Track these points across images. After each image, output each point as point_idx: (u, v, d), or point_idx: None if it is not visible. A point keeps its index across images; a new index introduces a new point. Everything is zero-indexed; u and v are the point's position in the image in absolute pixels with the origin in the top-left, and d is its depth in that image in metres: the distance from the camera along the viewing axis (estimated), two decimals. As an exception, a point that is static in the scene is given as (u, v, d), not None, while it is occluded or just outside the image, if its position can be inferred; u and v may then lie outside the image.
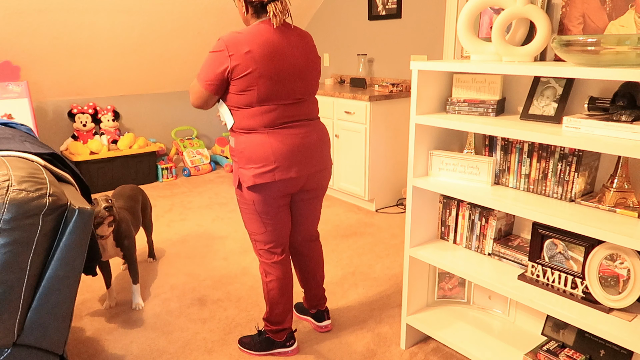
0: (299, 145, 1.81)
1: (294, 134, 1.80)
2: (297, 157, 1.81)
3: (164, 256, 3.07)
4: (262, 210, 1.86)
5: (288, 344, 2.08)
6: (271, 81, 1.71)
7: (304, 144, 1.82)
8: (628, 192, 1.51)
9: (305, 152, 1.83)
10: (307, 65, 1.82)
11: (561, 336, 1.75)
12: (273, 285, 1.98)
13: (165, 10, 4.06)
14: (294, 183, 1.84)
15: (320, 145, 1.89)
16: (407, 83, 4.02)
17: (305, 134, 1.84)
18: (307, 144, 1.83)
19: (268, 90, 1.72)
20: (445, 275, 2.16)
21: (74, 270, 1.53)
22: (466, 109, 1.83)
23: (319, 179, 1.94)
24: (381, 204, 3.88)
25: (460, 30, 1.78)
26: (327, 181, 2.00)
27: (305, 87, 1.82)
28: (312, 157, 1.86)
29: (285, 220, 1.94)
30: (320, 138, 1.90)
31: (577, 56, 1.37)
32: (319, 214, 2.11)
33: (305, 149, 1.83)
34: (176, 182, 4.72)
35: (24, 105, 3.79)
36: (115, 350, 2.14)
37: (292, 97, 1.79)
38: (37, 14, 3.58)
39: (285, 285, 1.99)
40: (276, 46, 1.72)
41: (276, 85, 1.72)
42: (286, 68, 1.74)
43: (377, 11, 4.17)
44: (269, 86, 1.71)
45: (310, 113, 1.88)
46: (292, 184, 1.84)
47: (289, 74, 1.75)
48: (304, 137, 1.83)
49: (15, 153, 1.66)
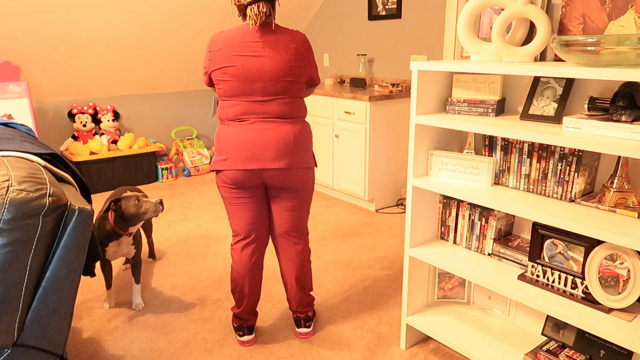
0: (251, 141, 1.88)
1: (250, 129, 1.89)
2: (248, 152, 1.89)
3: (164, 256, 3.07)
4: (223, 196, 2.04)
5: (238, 334, 2.15)
6: (236, 78, 1.86)
7: (258, 140, 1.88)
8: (628, 192, 1.51)
9: (257, 148, 1.88)
10: (280, 67, 1.86)
11: (561, 336, 1.75)
12: (231, 268, 2.12)
13: (165, 10, 4.06)
14: (246, 176, 1.92)
15: (282, 144, 1.90)
16: (407, 83, 4.02)
17: (263, 130, 1.88)
18: (262, 140, 1.88)
19: (232, 86, 1.88)
20: (445, 276, 2.16)
21: (74, 270, 1.53)
22: (466, 109, 1.83)
23: (283, 179, 1.94)
24: (381, 204, 3.88)
25: (460, 30, 1.78)
26: (298, 182, 1.98)
27: (275, 87, 1.87)
28: (265, 153, 1.89)
29: (245, 211, 2.02)
30: (284, 136, 1.90)
31: (577, 56, 1.37)
32: (293, 214, 2.06)
33: (258, 145, 1.88)
34: (176, 182, 4.72)
35: (24, 106, 3.79)
36: (115, 351, 2.14)
37: (258, 96, 1.88)
38: (37, 14, 3.58)
39: (238, 274, 2.08)
40: (247, 47, 1.85)
41: (241, 82, 1.86)
42: (253, 68, 1.85)
43: (377, 11, 4.17)
44: (233, 83, 1.87)
45: (280, 112, 1.91)
46: (243, 177, 1.92)
47: (256, 74, 1.85)
48: (260, 133, 1.88)
49: (15, 153, 1.66)
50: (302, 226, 2.11)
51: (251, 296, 2.12)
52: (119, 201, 2.25)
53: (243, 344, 2.15)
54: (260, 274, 2.12)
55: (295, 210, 2.06)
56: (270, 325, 2.31)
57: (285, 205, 2.04)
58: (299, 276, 2.13)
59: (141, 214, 2.24)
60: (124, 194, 2.29)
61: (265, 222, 2.08)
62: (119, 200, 2.25)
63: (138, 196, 2.26)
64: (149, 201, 2.25)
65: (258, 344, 2.17)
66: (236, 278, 2.09)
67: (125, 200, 2.25)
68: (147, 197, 2.32)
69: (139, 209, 2.24)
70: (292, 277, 2.13)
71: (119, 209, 2.25)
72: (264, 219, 2.07)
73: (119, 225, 2.26)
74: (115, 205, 2.24)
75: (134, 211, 2.23)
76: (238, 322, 2.15)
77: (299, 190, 2.02)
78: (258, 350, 2.13)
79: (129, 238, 2.34)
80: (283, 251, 2.12)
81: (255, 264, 2.08)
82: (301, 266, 2.12)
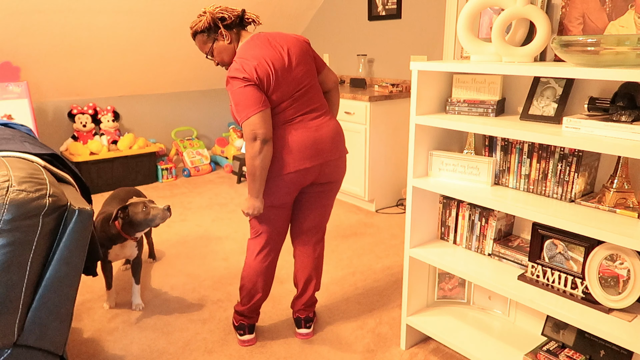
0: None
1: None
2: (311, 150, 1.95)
3: (164, 257, 3.07)
4: (273, 204, 2.02)
5: (239, 332, 2.14)
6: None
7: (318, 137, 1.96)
8: (628, 192, 1.51)
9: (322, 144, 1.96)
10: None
11: (561, 336, 1.75)
12: (245, 265, 2.09)
13: (165, 10, 4.06)
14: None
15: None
16: (407, 83, 4.02)
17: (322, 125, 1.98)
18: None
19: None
20: (445, 276, 2.16)
21: (74, 270, 1.53)
22: (466, 109, 1.83)
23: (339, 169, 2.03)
24: (381, 205, 3.88)
25: (460, 30, 1.78)
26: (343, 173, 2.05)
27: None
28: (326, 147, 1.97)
29: (284, 218, 2.02)
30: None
31: (577, 56, 1.37)
32: (327, 209, 2.10)
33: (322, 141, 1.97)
34: (176, 183, 4.72)
35: (24, 106, 3.79)
36: (115, 351, 2.14)
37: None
38: (37, 14, 3.58)
39: (253, 271, 2.05)
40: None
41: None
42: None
43: (377, 11, 4.17)
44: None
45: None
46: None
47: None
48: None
49: (15, 153, 1.65)
50: (327, 222, 2.15)
51: (263, 295, 2.11)
52: (126, 209, 2.23)
53: (243, 344, 2.15)
54: (273, 273, 2.12)
55: (330, 205, 2.10)
56: (270, 325, 2.31)
57: (324, 200, 2.06)
58: (313, 273, 2.15)
59: (149, 221, 2.23)
60: (131, 200, 2.27)
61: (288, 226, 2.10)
62: (126, 208, 2.23)
63: (145, 202, 2.24)
64: (156, 207, 2.24)
65: (258, 344, 2.17)
66: (249, 275, 2.06)
67: (132, 207, 2.23)
68: (154, 202, 2.30)
69: (147, 215, 2.22)
70: (313, 279, 2.14)
71: (126, 216, 2.24)
72: (289, 223, 2.09)
73: (126, 230, 2.26)
74: (123, 213, 2.23)
75: (142, 218, 2.22)
76: (240, 321, 2.14)
77: (339, 182, 2.07)
78: (258, 350, 2.12)
79: (133, 241, 2.35)
80: (303, 248, 2.12)
81: (271, 264, 2.07)
82: (319, 262, 2.16)
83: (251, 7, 4.49)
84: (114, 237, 2.27)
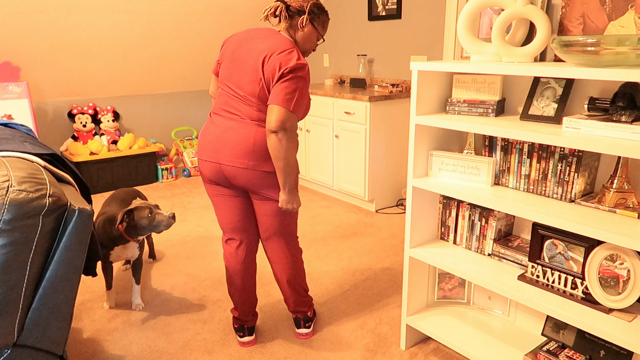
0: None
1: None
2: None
3: (164, 257, 3.07)
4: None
5: (239, 334, 2.15)
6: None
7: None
8: (628, 192, 1.51)
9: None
10: (246, 72, 1.84)
11: (561, 337, 1.75)
12: (225, 267, 2.13)
13: (165, 10, 4.06)
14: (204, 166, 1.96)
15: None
16: (407, 83, 4.02)
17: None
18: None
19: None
20: (445, 276, 2.16)
21: (74, 270, 1.53)
22: (466, 109, 1.83)
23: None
24: (381, 205, 3.88)
25: (460, 30, 1.78)
26: (246, 182, 1.90)
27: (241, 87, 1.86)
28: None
29: (224, 208, 2.02)
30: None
31: (577, 57, 1.38)
32: (264, 219, 2.00)
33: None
34: (176, 183, 4.72)
35: (24, 106, 3.79)
36: (115, 351, 2.14)
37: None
38: (37, 14, 3.58)
39: (231, 271, 2.09)
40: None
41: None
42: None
43: (377, 11, 4.17)
44: None
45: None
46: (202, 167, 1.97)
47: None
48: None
49: (15, 153, 1.65)
50: (287, 230, 2.04)
51: (246, 297, 2.11)
52: (131, 213, 2.23)
53: (243, 345, 2.15)
54: (252, 274, 2.11)
55: (267, 217, 1.99)
56: (270, 325, 2.31)
57: (259, 209, 1.99)
58: (290, 279, 2.10)
59: (153, 227, 2.24)
60: (136, 203, 2.27)
61: (250, 223, 2.05)
62: (131, 212, 2.23)
63: (152, 208, 2.24)
64: (162, 214, 2.24)
65: (258, 345, 2.17)
66: (230, 276, 2.09)
67: (138, 212, 2.23)
68: (159, 208, 2.30)
69: (152, 221, 2.23)
70: (284, 280, 2.11)
71: (131, 220, 2.24)
72: (248, 220, 2.04)
73: (129, 233, 2.26)
74: (128, 217, 2.23)
75: (146, 223, 2.23)
76: (238, 323, 2.15)
77: (263, 195, 1.95)
78: (258, 350, 2.12)
79: (135, 243, 2.35)
80: (271, 255, 2.09)
81: (245, 263, 2.07)
82: (292, 268, 2.09)
83: (251, 7, 4.50)
84: (116, 238, 2.27)
